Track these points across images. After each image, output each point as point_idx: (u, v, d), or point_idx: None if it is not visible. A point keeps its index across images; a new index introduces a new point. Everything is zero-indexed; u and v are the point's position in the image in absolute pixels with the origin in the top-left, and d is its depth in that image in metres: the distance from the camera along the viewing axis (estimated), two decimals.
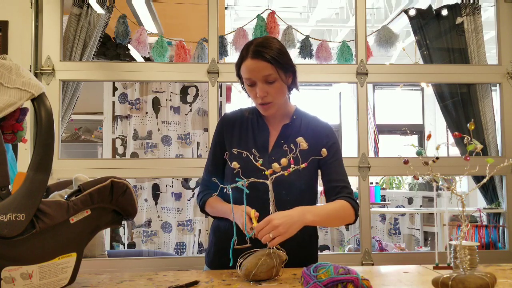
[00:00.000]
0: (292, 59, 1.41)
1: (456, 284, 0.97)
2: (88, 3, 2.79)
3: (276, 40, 1.41)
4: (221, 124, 1.52)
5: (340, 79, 2.93)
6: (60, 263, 1.07)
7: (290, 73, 1.41)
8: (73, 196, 1.07)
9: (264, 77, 1.34)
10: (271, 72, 1.33)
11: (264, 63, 1.32)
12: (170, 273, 1.28)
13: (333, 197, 1.41)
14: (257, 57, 1.33)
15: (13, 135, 1.13)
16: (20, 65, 1.04)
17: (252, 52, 1.34)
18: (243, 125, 1.49)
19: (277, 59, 1.33)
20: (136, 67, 2.82)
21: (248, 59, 1.34)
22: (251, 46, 1.35)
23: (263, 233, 1.16)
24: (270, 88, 1.36)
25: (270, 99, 1.38)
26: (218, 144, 1.51)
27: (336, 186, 1.42)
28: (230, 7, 5.44)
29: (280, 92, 1.38)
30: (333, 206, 1.36)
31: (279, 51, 1.35)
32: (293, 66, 1.41)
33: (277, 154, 1.40)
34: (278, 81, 1.35)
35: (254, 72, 1.34)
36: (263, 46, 1.34)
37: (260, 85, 1.35)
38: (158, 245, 3.82)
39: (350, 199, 1.39)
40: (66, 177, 2.35)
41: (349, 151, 6.99)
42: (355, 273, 0.97)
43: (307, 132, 1.45)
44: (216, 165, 1.51)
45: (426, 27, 3.03)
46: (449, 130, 3.41)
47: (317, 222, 1.28)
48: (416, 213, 5.05)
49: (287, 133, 1.46)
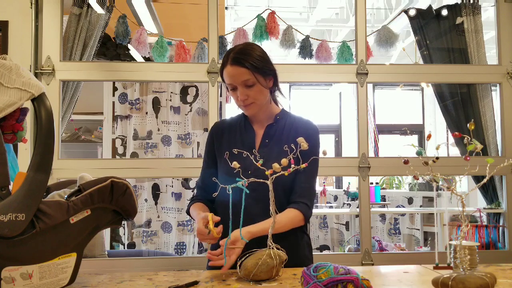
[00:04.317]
0: (272, 63, 1.49)
1: (456, 284, 0.97)
2: (88, 3, 2.79)
3: (256, 46, 1.49)
4: (211, 133, 1.60)
5: (340, 79, 2.93)
6: (60, 263, 1.07)
7: (270, 76, 1.48)
8: (73, 196, 1.07)
9: (243, 82, 1.42)
10: (249, 77, 1.41)
11: (242, 69, 1.41)
12: (170, 273, 1.28)
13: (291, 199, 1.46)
14: (235, 63, 1.41)
15: (13, 135, 1.13)
16: (20, 65, 1.04)
17: (231, 59, 1.42)
18: (232, 130, 1.57)
19: (254, 65, 1.41)
20: (136, 67, 2.82)
21: (228, 66, 1.43)
22: (231, 53, 1.44)
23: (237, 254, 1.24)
24: (250, 91, 1.44)
25: (251, 101, 1.45)
26: (210, 152, 1.58)
27: (300, 188, 1.47)
28: (230, 7, 5.43)
29: (260, 94, 1.45)
30: (283, 220, 1.39)
31: (257, 57, 1.43)
32: (272, 70, 1.48)
33: (263, 153, 1.47)
34: (257, 85, 1.43)
35: (233, 78, 1.42)
36: (241, 53, 1.42)
37: (240, 89, 1.43)
38: (158, 245, 3.82)
39: (301, 206, 1.44)
40: (66, 177, 2.35)
41: (349, 151, 7.00)
42: (355, 273, 0.97)
43: (290, 131, 1.51)
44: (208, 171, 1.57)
45: (426, 27, 3.03)
46: (449, 130, 3.41)
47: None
48: (416, 213, 5.05)
49: (271, 132, 1.52)
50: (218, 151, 1.55)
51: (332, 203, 5.71)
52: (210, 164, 1.57)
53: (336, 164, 2.83)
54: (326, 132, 7.36)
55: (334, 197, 5.88)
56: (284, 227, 1.40)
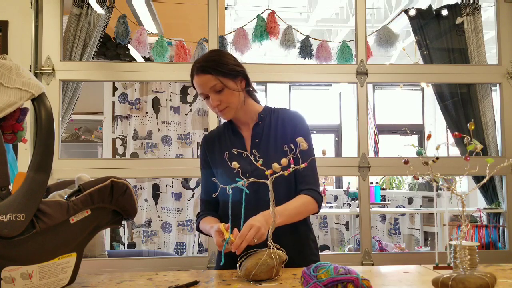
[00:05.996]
0: (239, 65, 1.48)
1: (456, 284, 0.97)
2: (88, 3, 2.79)
3: (220, 51, 1.52)
4: (202, 146, 1.61)
5: (340, 79, 2.93)
6: (60, 263, 1.07)
7: (240, 77, 1.48)
8: (73, 196, 1.07)
9: (211, 88, 1.43)
10: (215, 82, 1.42)
11: (208, 76, 1.42)
12: (170, 273, 1.28)
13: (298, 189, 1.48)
14: (200, 72, 1.43)
15: (13, 135, 1.13)
16: (20, 65, 1.04)
17: (196, 68, 1.44)
18: (221, 139, 1.58)
19: (218, 69, 1.42)
20: (136, 67, 2.82)
21: (195, 76, 1.45)
22: (196, 64, 1.45)
23: (249, 237, 1.22)
24: (220, 96, 1.44)
25: (225, 105, 1.46)
26: (206, 163, 1.59)
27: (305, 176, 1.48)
28: (230, 7, 5.44)
29: (232, 97, 1.45)
30: (295, 204, 1.42)
31: (220, 62, 1.44)
32: (239, 71, 1.47)
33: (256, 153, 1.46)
34: (226, 89, 1.44)
35: (202, 86, 1.44)
36: (204, 61, 1.44)
37: (211, 96, 1.44)
38: (158, 245, 3.82)
39: (312, 192, 1.46)
40: (66, 177, 2.35)
41: (349, 151, 7.00)
42: (355, 273, 0.97)
43: (277, 125, 1.52)
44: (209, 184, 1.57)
45: (426, 27, 3.03)
46: (449, 130, 3.41)
47: (282, 222, 1.35)
48: (416, 213, 5.05)
49: (259, 131, 1.53)
50: (213, 162, 1.55)
51: (332, 203, 5.71)
52: (209, 176, 1.55)
53: (336, 164, 2.83)
54: (326, 132, 7.36)
55: (334, 197, 5.89)
56: (299, 214, 1.42)
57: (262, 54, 6.44)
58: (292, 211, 1.39)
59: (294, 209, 1.40)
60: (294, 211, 1.40)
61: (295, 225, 1.45)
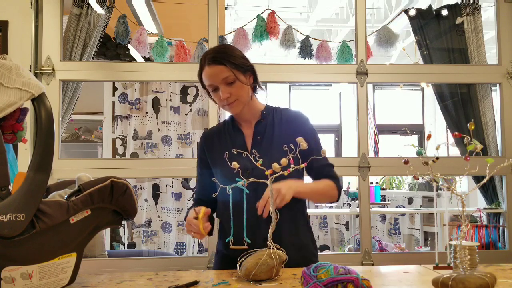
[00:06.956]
0: (248, 60, 1.49)
1: (456, 284, 0.97)
2: (88, 3, 2.79)
3: (230, 45, 1.53)
4: (201, 144, 1.60)
5: (340, 79, 2.93)
6: (60, 263, 1.07)
7: (249, 73, 1.48)
8: (73, 196, 1.07)
9: (223, 79, 1.41)
10: (229, 74, 1.41)
11: (220, 67, 1.41)
12: (170, 273, 1.28)
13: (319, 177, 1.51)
14: (212, 63, 1.41)
15: (13, 135, 1.13)
16: (20, 65, 1.04)
17: (208, 59, 1.42)
18: (221, 136, 1.56)
19: (231, 61, 1.41)
20: (136, 67, 2.82)
21: (206, 67, 1.43)
22: (207, 55, 1.44)
23: (273, 199, 1.24)
24: (231, 88, 1.43)
25: (234, 98, 1.45)
26: (203, 162, 1.58)
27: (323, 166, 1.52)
28: (230, 7, 5.43)
29: (242, 90, 1.45)
30: (318, 184, 1.48)
31: (234, 54, 1.44)
32: (250, 66, 1.48)
33: (257, 151, 1.46)
34: (237, 82, 1.43)
35: (213, 77, 1.42)
36: (218, 52, 1.44)
37: (222, 87, 1.42)
38: (158, 245, 3.82)
39: (334, 179, 1.50)
40: (66, 177, 2.35)
41: (349, 151, 6.99)
42: (355, 273, 0.97)
43: (280, 123, 1.53)
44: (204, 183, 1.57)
45: (426, 27, 3.03)
46: (449, 130, 3.41)
47: (304, 194, 1.40)
48: (416, 213, 5.05)
49: (261, 129, 1.52)
50: (211, 160, 1.54)
51: (332, 203, 5.70)
52: (205, 176, 1.54)
53: (336, 164, 2.78)
54: (326, 132, 7.35)
55: None
56: (322, 195, 1.47)
57: (262, 54, 6.44)
58: (318, 189, 1.44)
59: (321, 189, 1.45)
60: (320, 190, 1.45)
61: (295, 225, 1.45)
